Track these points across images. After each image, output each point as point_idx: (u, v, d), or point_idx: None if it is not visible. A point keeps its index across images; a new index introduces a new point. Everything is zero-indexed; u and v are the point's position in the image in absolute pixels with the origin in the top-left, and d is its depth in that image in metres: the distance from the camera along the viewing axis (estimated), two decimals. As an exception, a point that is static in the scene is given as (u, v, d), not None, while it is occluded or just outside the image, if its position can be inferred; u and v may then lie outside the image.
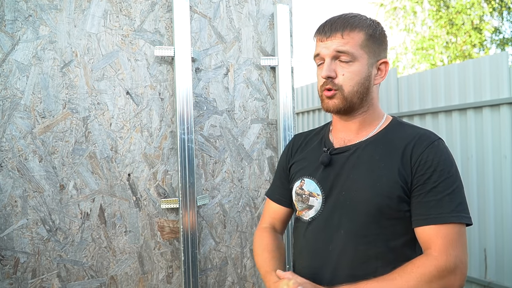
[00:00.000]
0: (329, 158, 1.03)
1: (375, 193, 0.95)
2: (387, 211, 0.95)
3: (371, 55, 1.00)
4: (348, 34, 0.97)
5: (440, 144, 0.96)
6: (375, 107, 1.05)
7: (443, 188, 0.92)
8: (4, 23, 1.43)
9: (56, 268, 1.48)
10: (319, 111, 5.31)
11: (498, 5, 9.90)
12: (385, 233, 0.96)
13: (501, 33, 10.33)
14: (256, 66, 1.77)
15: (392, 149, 0.98)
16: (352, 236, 0.97)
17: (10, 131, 1.43)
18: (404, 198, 0.94)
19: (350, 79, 0.98)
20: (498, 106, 3.00)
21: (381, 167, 0.97)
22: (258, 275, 1.77)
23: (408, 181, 0.94)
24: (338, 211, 1.00)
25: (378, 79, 1.03)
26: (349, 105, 1.00)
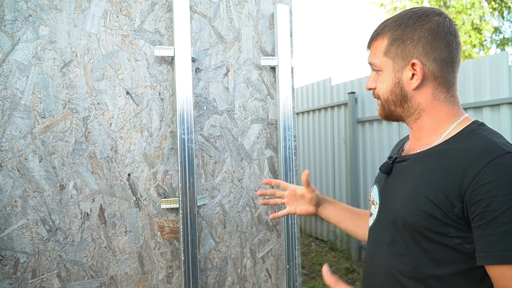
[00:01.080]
0: (388, 167, 0.99)
1: (410, 211, 0.86)
2: (425, 233, 0.84)
3: (397, 60, 0.92)
4: (373, 45, 0.97)
5: (504, 160, 0.77)
6: (431, 113, 0.92)
7: (508, 219, 0.74)
8: (4, 23, 1.43)
9: (56, 268, 1.48)
10: (319, 111, 5.31)
11: (498, 5, 9.90)
12: (427, 257, 0.85)
13: (501, 33, 10.33)
14: (256, 66, 1.77)
15: (445, 164, 0.84)
16: (391, 253, 0.91)
17: (10, 131, 1.43)
18: (447, 223, 0.81)
19: (380, 88, 0.96)
20: (498, 106, 3.00)
21: (425, 184, 0.86)
22: (258, 275, 1.77)
23: (456, 204, 0.79)
24: (384, 224, 0.95)
25: (413, 83, 0.90)
26: (389, 112, 0.97)
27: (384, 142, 4.21)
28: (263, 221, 1.78)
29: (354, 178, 4.54)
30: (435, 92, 0.91)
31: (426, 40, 0.88)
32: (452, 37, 0.89)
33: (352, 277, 4.10)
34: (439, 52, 0.88)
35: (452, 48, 0.89)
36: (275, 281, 1.80)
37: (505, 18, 10.26)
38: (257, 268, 1.76)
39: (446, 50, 0.89)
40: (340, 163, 4.86)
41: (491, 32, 10.10)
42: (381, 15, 10.97)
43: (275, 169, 1.80)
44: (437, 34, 0.88)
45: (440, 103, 0.91)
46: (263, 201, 1.31)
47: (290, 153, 1.75)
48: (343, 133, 4.82)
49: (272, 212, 1.79)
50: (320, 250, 4.96)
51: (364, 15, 26.53)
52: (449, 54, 0.89)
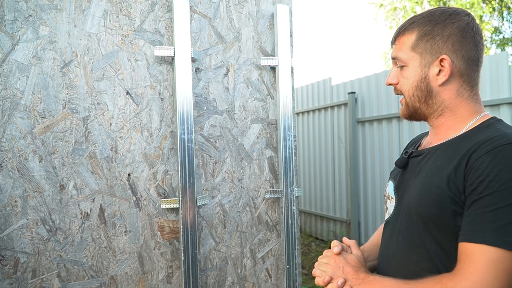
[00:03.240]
0: (403, 161, 1.00)
1: (424, 202, 0.87)
2: (438, 222, 0.85)
3: (425, 55, 0.91)
4: (400, 39, 0.96)
5: (505, 149, 0.78)
6: (454, 110, 0.92)
7: (488, 203, 0.76)
8: (4, 23, 1.43)
9: (56, 268, 1.48)
10: (319, 111, 5.31)
11: (498, 5, 9.90)
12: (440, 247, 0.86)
13: (501, 33, 10.33)
14: (256, 66, 1.77)
15: (454, 154, 0.86)
16: (406, 245, 0.92)
17: (10, 131, 1.43)
18: (458, 211, 0.82)
19: (404, 84, 0.95)
20: (498, 106, 3.00)
21: (436, 174, 0.87)
22: (258, 275, 1.77)
23: (461, 191, 0.81)
24: (401, 217, 0.95)
25: (441, 78, 0.90)
26: (413, 110, 0.95)
27: (384, 142, 4.21)
28: (263, 221, 1.78)
29: (354, 178, 4.54)
30: (460, 90, 0.92)
31: (456, 37, 0.89)
32: (479, 38, 0.91)
33: (352, 277, 4.09)
34: (467, 50, 0.89)
35: (478, 48, 0.91)
36: (275, 281, 1.79)
37: (505, 18, 10.26)
38: (257, 268, 1.76)
39: (474, 49, 0.90)
40: (340, 163, 4.86)
41: (491, 32, 10.11)
42: (381, 15, 10.97)
43: (275, 169, 1.80)
44: (466, 33, 0.89)
45: (463, 101, 0.92)
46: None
47: (290, 153, 1.75)
48: (343, 133, 4.82)
49: (273, 212, 1.79)
50: (320, 250, 4.96)
51: (364, 16, 26.43)
52: (476, 53, 0.91)
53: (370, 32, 37.22)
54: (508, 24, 10.61)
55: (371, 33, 36.86)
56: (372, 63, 34.01)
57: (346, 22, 46.76)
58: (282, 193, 1.75)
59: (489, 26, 9.94)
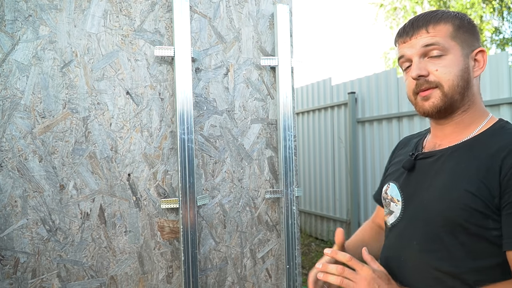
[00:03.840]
0: (411, 163, 0.97)
1: (450, 205, 0.85)
2: (466, 226, 0.83)
3: (464, 46, 0.90)
4: (433, 27, 0.90)
5: None
6: (477, 106, 0.92)
7: None
8: (4, 23, 1.43)
9: (56, 268, 1.48)
10: (319, 111, 5.31)
11: (498, 5, 9.90)
12: (465, 251, 0.84)
13: (501, 33, 10.33)
14: (256, 66, 1.77)
15: (481, 157, 0.85)
16: (425, 249, 0.89)
17: (10, 131, 1.43)
18: (489, 215, 0.81)
19: (447, 73, 0.88)
20: (498, 106, 3.00)
21: (463, 176, 0.85)
22: (258, 275, 1.77)
23: (495, 195, 0.81)
24: (414, 221, 0.93)
25: (477, 71, 0.91)
26: (450, 102, 0.90)
27: (384, 142, 4.21)
28: (263, 221, 1.78)
29: (354, 178, 4.54)
30: (479, 85, 0.94)
31: (478, 34, 0.93)
32: None
33: (352, 277, 4.09)
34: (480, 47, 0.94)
35: None
36: (275, 281, 1.79)
37: (505, 18, 10.26)
38: (257, 268, 1.76)
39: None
40: (340, 163, 4.86)
41: (491, 32, 10.11)
42: (381, 15, 10.97)
43: (275, 169, 1.80)
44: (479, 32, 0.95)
45: (480, 98, 0.94)
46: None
47: (290, 153, 1.75)
48: (343, 133, 4.82)
49: (273, 212, 1.79)
50: (320, 250, 4.96)
51: (364, 16, 26.39)
52: None
53: (370, 32, 37.20)
54: (508, 24, 10.61)
55: (371, 33, 36.82)
56: (372, 63, 34.01)
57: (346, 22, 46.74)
58: (282, 193, 1.75)
59: (489, 26, 9.93)
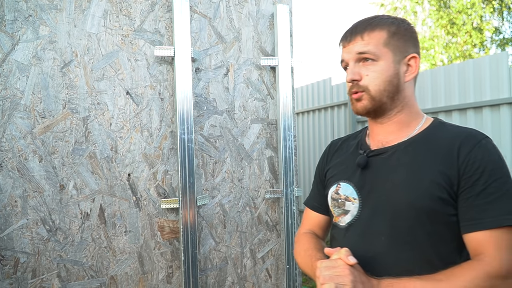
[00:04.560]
0: (365, 160, 1.00)
1: (417, 196, 0.90)
2: (433, 215, 0.89)
3: (397, 52, 0.96)
4: (368, 34, 0.97)
5: (488, 143, 0.90)
6: (411, 107, 0.99)
7: (495, 190, 0.85)
8: (4, 23, 1.43)
9: (56, 268, 1.48)
10: (319, 111, 5.31)
11: (498, 5, 9.90)
12: (432, 239, 0.90)
13: (501, 33, 10.33)
14: (256, 66, 1.76)
15: (436, 149, 0.92)
16: (395, 242, 0.92)
17: (10, 131, 1.43)
18: (450, 201, 0.88)
19: (375, 78, 0.96)
20: (498, 106, 3.00)
21: (424, 168, 0.91)
22: (258, 275, 1.76)
23: (454, 183, 0.88)
24: (379, 216, 0.95)
25: (409, 75, 0.97)
26: (379, 104, 0.97)
27: (384, 142, 4.21)
28: (263, 221, 1.78)
29: (354, 178, 4.54)
30: (413, 88, 1.00)
31: (416, 40, 0.99)
32: None
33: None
34: (418, 52, 0.99)
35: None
36: (275, 281, 1.79)
37: (505, 18, 10.26)
38: (257, 268, 1.76)
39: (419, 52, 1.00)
40: (340, 163, 4.86)
41: (491, 32, 10.10)
42: (381, 15, 10.95)
43: (275, 169, 1.80)
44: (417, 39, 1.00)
45: (414, 99, 1.01)
46: None
47: (290, 153, 1.75)
48: (343, 133, 4.82)
49: (273, 212, 1.79)
50: (320, 250, 4.96)
51: (364, 16, 26.33)
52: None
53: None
54: (508, 24, 10.61)
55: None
56: (372, 63, 33.86)
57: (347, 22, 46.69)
58: (282, 193, 1.75)
59: (489, 26, 9.93)
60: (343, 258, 0.90)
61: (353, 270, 0.88)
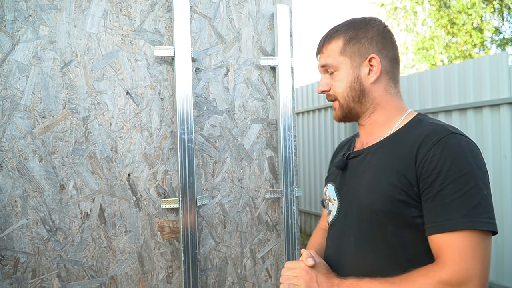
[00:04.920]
0: (343, 163, 1.03)
1: (376, 199, 0.90)
2: (394, 217, 0.88)
3: (354, 57, 0.98)
4: (326, 47, 1.02)
5: (450, 139, 0.84)
6: (384, 106, 0.99)
7: (452, 191, 0.80)
8: (4, 23, 1.43)
9: (56, 268, 1.48)
10: (319, 111, 5.31)
11: (498, 5, 9.90)
12: (397, 241, 0.88)
13: (501, 33, 10.33)
14: (256, 66, 1.77)
15: (400, 149, 0.90)
16: (361, 243, 0.94)
17: (10, 131, 1.43)
18: (411, 203, 0.86)
19: (338, 87, 1.00)
20: (498, 106, 3.00)
21: (385, 169, 0.90)
22: (258, 275, 1.77)
23: (414, 184, 0.85)
24: (349, 217, 0.98)
25: (372, 76, 0.98)
26: (348, 111, 1.01)
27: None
28: (263, 221, 1.78)
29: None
30: (387, 87, 1.00)
31: (378, 38, 0.98)
32: (394, 39, 1.02)
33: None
34: (389, 50, 0.99)
35: (396, 48, 1.01)
36: (275, 281, 1.80)
37: (505, 18, 10.26)
38: (257, 268, 1.76)
39: (393, 49, 1.00)
40: (340, 163, 4.86)
41: (492, 32, 10.10)
42: (382, 15, 10.97)
43: (275, 169, 1.80)
44: (384, 35, 0.99)
45: (391, 97, 1.00)
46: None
47: (290, 153, 1.75)
48: (343, 133, 4.82)
49: (273, 212, 1.79)
50: (320, 250, 4.96)
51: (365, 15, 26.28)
52: (395, 53, 1.00)
53: (370, 32, 37.07)
54: (508, 24, 10.60)
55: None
56: (372, 63, 33.86)
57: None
58: (282, 193, 1.75)
59: (490, 26, 9.93)
60: (303, 259, 0.94)
61: (310, 271, 0.92)
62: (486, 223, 0.79)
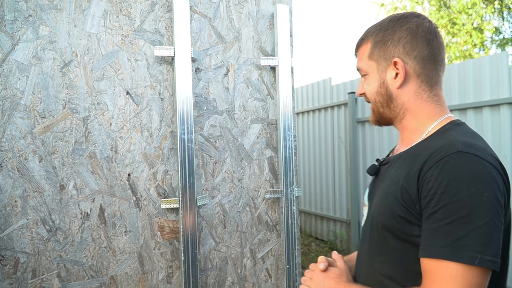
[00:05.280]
0: (374, 169, 1.03)
1: (382, 211, 0.89)
2: (394, 232, 0.86)
3: (380, 61, 0.95)
4: (359, 51, 1.01)
5: (451, 159, 0.78)
6: (414, 112, 0.94)
7: (442, 216, 0.76)
8: (4, 23, 1.43)
9: (56, 268, 1.48)
10: (319, 111, 5.31)
11: (499, 5, 9.90)
12: (400, 256, 0.86)
13: (501, 33, 10.33)
14: (256, 66, 1.77)
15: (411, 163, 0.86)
16: (370, 252, 0.95)
17: (10, 131, 1.43)
18: (413, 221, 0.82)
19: (368, 92, 0.99)
20: (498, 106, 3.00)
21: (395, 182, 0.88)
22: (258, 275, 1.77)
23: (416, 201, 0.81)
24: (369, 225, 0.97)
25: (397, 81, 0.93)
26: (379, 115, 1.00)
27: (384, 142, 4.21)
28: (263, 221, 1.78)
29: (354, 178, 4.54)
30: (418, 91, 0.93)
31: (406, 39, 0.92)
32: (432, 36, 0.92)
33: (352, 277, 4.09)
34: (419, 50, 0.91)
35: (433, 46, 0.92)
36: (275, 281, 1.79)
37: (505, 18, 10.26)
38: (257, 268, 1.76)
39: (427, 48, 0.91)
40: (340, 163, 4.86)
41: (492, 32, 10.10)
42: (382, 15, 10.97)
43: (275, 169, 1.80)
44: (416, 34, 0.92)
45: (423, 102, 0.93)
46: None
47: (290, 153, 1.75)
48: (343, 133, 4.82)
49: (273, 213, 1.79)
50: (320, 250, 4.97)
51: (365, 15, 26.37)
52: (430, 52, 0.92)
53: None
54: (508, 24, 10.61)
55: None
56: (372, 63, 33.87)
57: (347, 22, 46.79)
58: (282, 193, 1.75)
59: (490, 26, 9.93)
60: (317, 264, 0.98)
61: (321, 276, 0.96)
62: (471, 257, 0.72)
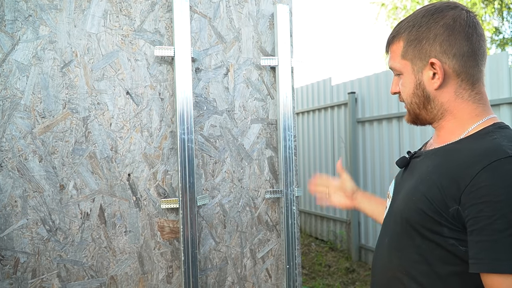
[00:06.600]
0: (403, 161, 0.99)
1: (408, 206, 0.86)
2: (420, 230, 0.83)
3: (415, 61, 0.89)
4: (391, 49, 0.95)
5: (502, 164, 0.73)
6: (454, 112, 0.88)
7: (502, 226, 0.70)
8: (4, 23, 1.43)
9: (56, 268, 1.48)
10: (319, 111, 5.32)
11: (498, 5, 9.90)
12: (421, 254, 0.84)
13: (501, 33, 10.33)
14: (256, 66, 1.77)
15: (448, 163, 0.82)
16: (390, 246, 0.92)
17: (10, 131, 1.43)
18: (442, 223, 0.78)
19: (403, 92, 0.94)
20: (498, 106, 3.00)
21: (426, 179, 0.84)
22: (258, 275, 1.77)
23: (451, 205, 0.77)
24: (391, 217, 0.94)
25: (435, 82, 0.87)
26: (415, 115, 0.94)
27: (384, 142, 4.21)
28: (263, 221, 1.78)
29: (354, 178, 4.54)
30: (459, 90, 0.87)
31: (443, 37, 0.85)
32: (471, 30, 0.85)
33: (352, 277, 4.10)
34: (458, 47, 0.84)
35: (472, 41, 0.85)
36: (275, 281, 1.80)
37: (505, 18, 10.26)
38: (257, 268, 1.76)
39: (466, 44, 0.84)
40: (340, 163, 4.87)
41: (492, 32, 10.11)
42: (382, 15, 10.97)
43: (275, 169, 1.80)
44: (453, 29, 0.84)
45: (463, 102, 0.87)
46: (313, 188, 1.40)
47: (290, 153, 1.75)
48: (343, 133, 4.82)
49: (273, 213, 1.79)
50: (320, 250, 4.97)
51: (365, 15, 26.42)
52: (470, 48, 0.85)
53: (370, 31, 37.15)
54: (508, 24, 10.61)
55: (372, 33, 36.75)
56: (372, 63, 33.98)
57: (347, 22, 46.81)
58: (282, 193, 1.75)
59: (490, 26, 9.93)
60: None
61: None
62: None
